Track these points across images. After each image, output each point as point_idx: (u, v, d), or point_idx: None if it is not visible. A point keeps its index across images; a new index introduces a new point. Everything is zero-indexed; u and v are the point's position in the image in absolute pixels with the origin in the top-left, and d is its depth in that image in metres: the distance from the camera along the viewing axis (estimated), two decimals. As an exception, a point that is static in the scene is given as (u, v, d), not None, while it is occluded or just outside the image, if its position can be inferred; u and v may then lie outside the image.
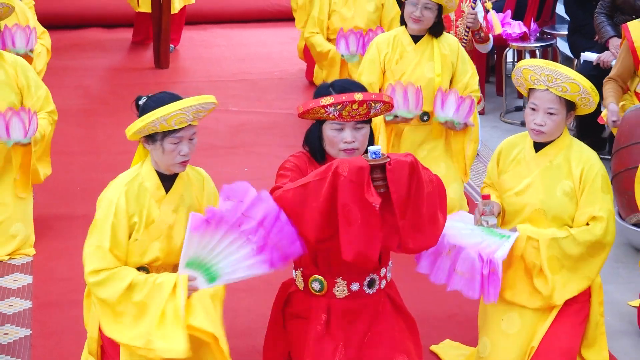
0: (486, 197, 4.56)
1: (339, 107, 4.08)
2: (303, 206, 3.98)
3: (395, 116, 6.01)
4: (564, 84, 4.44)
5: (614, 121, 5.94)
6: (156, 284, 4.11)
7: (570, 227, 4.56)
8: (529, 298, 4.50)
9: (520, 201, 4.57)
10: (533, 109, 4.52)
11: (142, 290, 4.12)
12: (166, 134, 4.18)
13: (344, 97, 4.07)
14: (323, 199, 3.92)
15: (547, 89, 4.47)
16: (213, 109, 4.32)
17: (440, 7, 6.16)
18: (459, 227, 4.54)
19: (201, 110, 4.24)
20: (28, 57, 7.00)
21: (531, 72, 4.50)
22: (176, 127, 4.17)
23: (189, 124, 4.22)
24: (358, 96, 4.08)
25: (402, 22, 6.30)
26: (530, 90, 4.56)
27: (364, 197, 3.88)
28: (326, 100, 4.08)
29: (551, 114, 4.48)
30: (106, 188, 4.30)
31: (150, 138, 4.21)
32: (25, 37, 6.17)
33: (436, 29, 6.25)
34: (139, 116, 4.18)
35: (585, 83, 4.44)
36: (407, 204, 3.97)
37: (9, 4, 5.93)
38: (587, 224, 4.52)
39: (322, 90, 4.25)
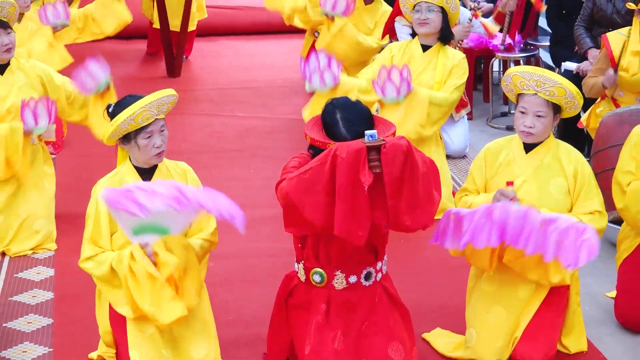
0: (510, 184, 4.47)
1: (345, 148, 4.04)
2: (307, 191, 3.97)
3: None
4: (552, 89, 4.47)
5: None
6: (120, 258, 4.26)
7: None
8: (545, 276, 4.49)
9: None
10: (522, 112, 4.54)
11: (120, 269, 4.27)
12: (138, 131, 4.31)
13: (353, 146, 3.96)
14: (325, 181, 3.92)
15: (536, 94, 4.50)
16: (174, 101, 4.40)
17: (444, 11, 6.20)
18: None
19: (163, 103, 4.35)
20: None
21: (521, 78, 4.51)
22: (144, 124, 4.28)
23: (156, 119, 4.31)
24: (365, 140, 3.95)
25: (414, 34, 6.34)
26: (519, 95, 4.58)
27: (358, 177, 3.88)
28: (332, 144, 4.01)
29: (540, 116, 4.51)
30: (94, 189, 4.44)
31: (125, 139, 4.35)
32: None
33: (444, 34, 6.29)
34: (110, 120, 4.34)
35: (571, 87, 4.48)
36: (401, 184, 3.96)
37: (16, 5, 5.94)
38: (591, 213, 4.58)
39: (331, 124, 4.17)
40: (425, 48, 6.28)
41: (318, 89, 6.08)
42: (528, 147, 4.63)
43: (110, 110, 4.40)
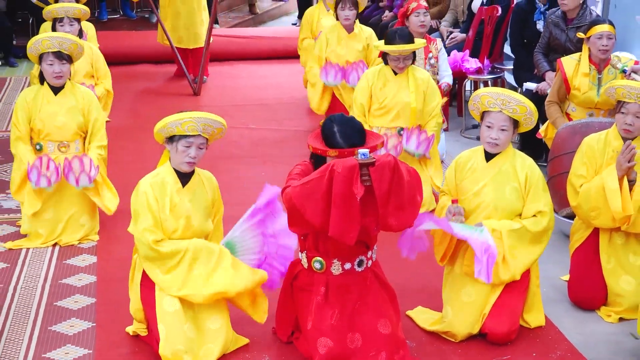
0: (455, 201, 4.59)
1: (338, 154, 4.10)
2: (308, 197, 4.04)
3: None
4: (515, 107, 4.50)
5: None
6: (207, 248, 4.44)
7: (518, 218, 4.62)
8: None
9: (477, 200, 4.63)
10: (489, 127, 4.57)
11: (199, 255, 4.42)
12: (181, 137, 4.34)
13: (346, 153, 4.08)
14: (324, 191, 3.98)
15: (501, 111, 4.51)
16: (221, 129, 4.45)
17: (414, 52, 6.22)
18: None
19: (209, 125, 4.40)
20: None
21: (489, 97, 4.55)
22: (188, 133, 4.32)
23: (200, 134, 4.36)
24: (359, 158, 4.01)
25: (385, 62, 6.30)
26: (485, 112, 4.60)
27: (352, 189, 3.93)
28: (332, 152, 4.12)
29: (503, 130, 4.54)
30: (139, 184, 4.47)
31: (170, 140, 4.39)
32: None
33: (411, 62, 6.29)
34: None
35: (531, 106, 4.53)
36: (389, 195, 4.03)
37: (79, 43, 5.90)
38: (534, 216, 4.59)
39: (330, 136, 4.21)
40: (395, 72, 6.26)
41: None
42: (489, 157, 4.67)
43: None
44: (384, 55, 6.29)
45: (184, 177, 4.48)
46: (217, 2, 9.78)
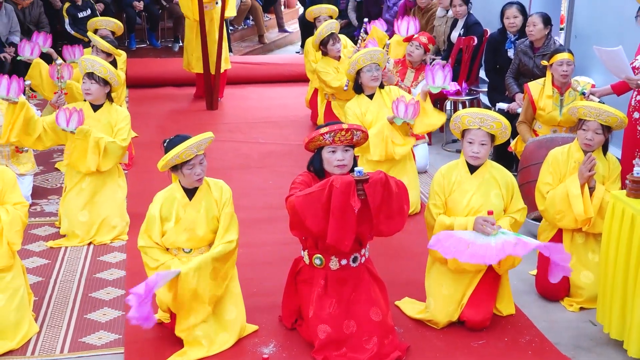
0: (490, 213, 4.44)
1: (332, 134, 4.16)
2: (309, 207, 4.06)
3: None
4: (492, 123, 4.53)
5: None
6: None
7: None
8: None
9: (468, 207, 4.62)
10: (470, 143, 4.59)
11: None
12: (183, 164, 4.32)
13: (335, 127, 4.18)
14: (323, 202, 4.01)
15: (480, 128, 4.51)
16: (210, 140, 4.40)
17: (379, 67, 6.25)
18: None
19: (201, 144, 4.35)
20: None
21: (468, 117, 4.57)
22: (187, 159, 4.29)
23: (196, 154, 4.32)
24: (344, 125, 4.21)
25: (358, 91, 6.32)
26: (465, 130, 4.62)
27: (348, 202, 3.95)
28: (324, 130, 4.21)
29: (483, 144, 4.57)
30: (155, 196, 4.48)
31: (173, 168, 4.37)
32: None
33: (380, 84, 6.31)
34: (165, 153, 4.35)
35: (505, 121, 4.57)
36: (381, 205, 4.07)
37: (109, 68, 5.88)
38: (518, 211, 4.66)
39: (320, 127, 4.28)
40: (370, 97, 6.27)
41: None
42: (472, 169, 4.66)
43: (165, 145, 4.40)
44: (356, 82, 6.31)
45: (191, 192, 4.44)
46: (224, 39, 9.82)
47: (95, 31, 7.64)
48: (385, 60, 6.43)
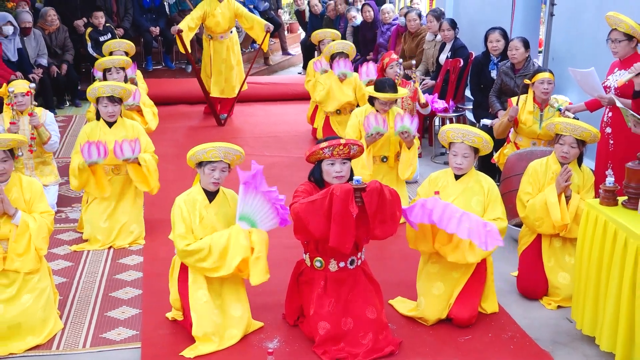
0: (437, 193, 4.54)
1: (331, 148, 4.17)
2: (312, 213, 4.07)
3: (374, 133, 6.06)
4: (474, 138, 4.52)
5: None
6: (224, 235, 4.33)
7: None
8: (463, 257, 4.48)
9: None
10: (454, 155, 4.59)
11: (219, 241, 4.31)
12: (207, 163, 4.35)
13: (334, 142, 4.20)
14: (325, 209, 4.02)
15: (463, 142, 4.51)
16: (239, 156, 4.43)
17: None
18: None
19: (229, 152, 4.39)
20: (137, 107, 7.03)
21: (452, 132, 4.57)
22: (212, 159, 4.33)
23: (222, 160, 4.35)
24: (342, 141, 4.22)
25: (371, 103, 6.30)
26: (451, 143, 4.61)
27: (348, 208, 3.94)
28: (323, 144, 4.22)
29: (466, 156, 4.56)
30: (175, 200, 4.47)
31: (199, 165, 4.39)
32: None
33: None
34: None
35: (486, 136, 4.56)
36: (376, 211, 4.08)
37: (127, 88, 5.91)
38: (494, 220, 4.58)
39: (320, 142, 4.28)
40: (378, 111, 6.26)
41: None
42: (457, 177, 4.65)
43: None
44: (371, 99, 6.29)
45: (211, 195, 4.47)
46: (250, 69, 9.90)
47: (111, 53, 7.64)
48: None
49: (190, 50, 9.31)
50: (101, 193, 5.76)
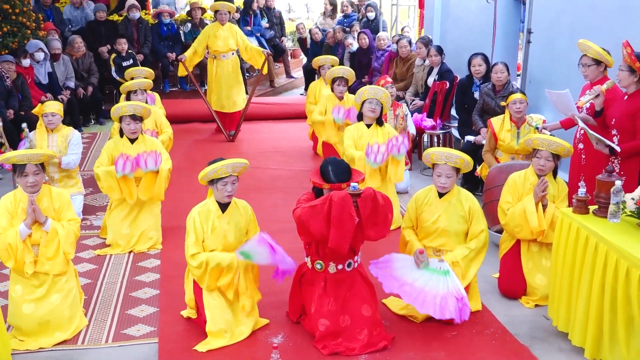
0: (422, 252, 4.49)
1: (331, 189, 4.14)
2: (313, 217, 4.06)
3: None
4: (456, 160, 4.51)
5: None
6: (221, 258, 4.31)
7: (465, 237, 4.61)
8: None
9: (435, 226, 4.61)
10: (438, 175, 4.57)
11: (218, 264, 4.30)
12: (218, 179, 4.33)
13: (335, 185, 4.15)
14: (325, 213, 4.01)
15: (446, 163, 4.49)
16: (245, 166, 4.42)
17: (381, 106, 6.22)
18: (410, 270, 4.47)
19: (236, 166, 4.37)
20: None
21: (436, 154, 4.56)
22: (222, 176, 4.31)
23: (230, 174, 4.32)
24: (343, 185, 4.14)
25: (359, 118, 6.30)
26: (434, 164, 4.57)
27: (346, 213, 3.97)
28: (326, 186, 4.17)
29: (449, 177, 4.54)
30: (191, 211, 4.44)
31: (210, 182, 4.36)
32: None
33: (379, 121, 6.27)
34: None
35: (467, 157, 4.53)
36: (370, 215, 4.07)
37: (147, 107, 5.93)
38: (480, 232, 4.59)
39: (325, 173, 4.24)
40: (368, 126, 6.27)
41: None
42: (440, 195, 4.64)
43: (209, 164, 4.39)
44: (360, 115, 6.29)
45: (224, 206, 4.46)
46: (253, 91, 9.89)
47: (132, 78, 7.66)
48: (389, 103, 6.41)
49: (191, 71, 9.50)
50: (130, 198, 5.77)
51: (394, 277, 4.41)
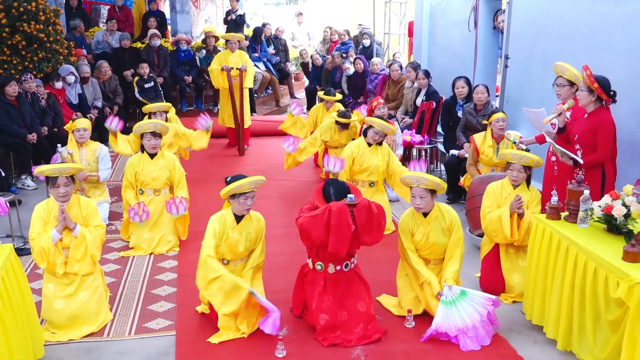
0: (440, 294, 4.39)
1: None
2: (314, 226, 4.05)
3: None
4: (427, 182, 4.39)
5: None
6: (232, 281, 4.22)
7: (453, 253, 4.52)
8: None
9: (425, 242, 4.52)
10: (413, 196, 4.46)
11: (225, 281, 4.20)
12: (240, 194, 4.28)
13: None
14: (325, 222, 4.00)
15: (418, 186, 4.42)
16: (263, 183, 4.39)
17: (384, 136, 6.25)
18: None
19: (257, 183, 4.34)
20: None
21: (408, 178, 4.45)
22: (246, 191, 4.26)
23: (252, 190, 4.29)
24: (345, 199, 4.09)
25: (364, 134, 6.30)
26: (410, 187, 4.50)
27: (344, 221, 3.96)
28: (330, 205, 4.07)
29: (423, 197, 4.43)
30: (210, 218, 4.41)
31: (232, 197, 4.32)
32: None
33: (380, 142, 6.26)
34: (226, 185, 4.31)
35: (437, 180, 4.41)
36: (365, 223, 4.06)
37: (166, 124, 5.95)
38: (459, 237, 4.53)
39: (327, 194, 4.22)
40: (369, 144, 6.26)
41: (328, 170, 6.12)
42: (425, 215, 4.53)
43: (228, 180, 4.36)
44: (365, 131, 6.30)
45: (239, 218, 4.44)
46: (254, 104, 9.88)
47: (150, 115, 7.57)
48: (390, 137, 6.41)
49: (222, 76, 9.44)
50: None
51: (449, 330, 4.25)
